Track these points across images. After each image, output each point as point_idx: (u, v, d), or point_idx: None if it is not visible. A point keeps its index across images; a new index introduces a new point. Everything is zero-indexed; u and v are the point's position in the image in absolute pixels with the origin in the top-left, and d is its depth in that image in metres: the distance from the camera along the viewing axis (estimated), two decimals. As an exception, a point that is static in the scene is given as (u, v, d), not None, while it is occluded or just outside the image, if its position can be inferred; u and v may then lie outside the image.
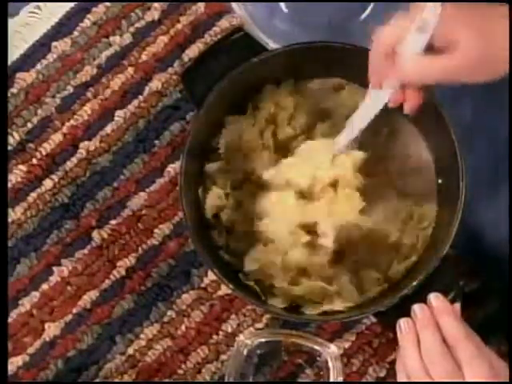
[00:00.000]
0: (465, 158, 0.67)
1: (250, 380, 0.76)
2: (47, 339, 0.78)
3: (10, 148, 0.80)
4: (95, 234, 0.79)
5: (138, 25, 0.83)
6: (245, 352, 0.74)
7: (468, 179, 0.67)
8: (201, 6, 0.82)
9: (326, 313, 0.70)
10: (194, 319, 0.78)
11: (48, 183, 0.80)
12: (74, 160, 0.81)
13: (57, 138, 0.81)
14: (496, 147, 0.76)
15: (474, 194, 0.68)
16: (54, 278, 0.79)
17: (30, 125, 0.81)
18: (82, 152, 0.81)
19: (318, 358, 0.75)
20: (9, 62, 0.81)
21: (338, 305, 0.70)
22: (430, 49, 0.59)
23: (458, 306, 0.67)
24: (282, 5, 0.80)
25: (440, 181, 0.73)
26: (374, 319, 0.77)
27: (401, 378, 0.65)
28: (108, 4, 0.83)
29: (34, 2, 0.83)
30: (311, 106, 0.74)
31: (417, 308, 0.65)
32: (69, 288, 0.79)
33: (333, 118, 0.74)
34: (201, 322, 0.78)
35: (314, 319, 0.72)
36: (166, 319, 0.78)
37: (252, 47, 0.73)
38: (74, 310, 0.78)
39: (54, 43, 0.82)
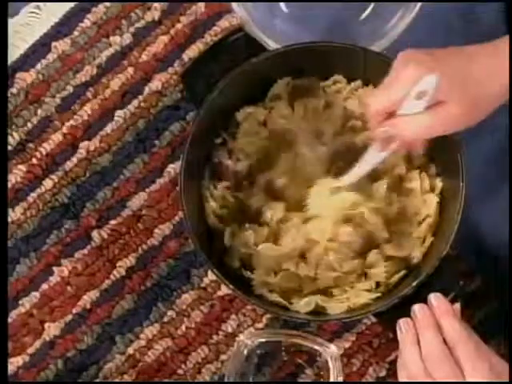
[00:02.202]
0: (465, 158, 0.67)
1: (250, 380, 0.76)
2: (47, 339, 0.78)
3: (10, 148, 0.80)
4: (95, 234, 0.79)
5: (138, 25, 0.82)
6: (245, 352, 0.74)
7: (468, 179, 0.67)
8: (201, 5, 0.82)
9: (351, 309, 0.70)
10: (194, 319, 0.78)
11: (48, 183, 0.80)
12: (74, 160, 0.81)
13: (57, 138, 0.81)
14: (496, 147, 0.76)
15: (474, 194, 0.68)
16: (53, 278, 0.79)
17: (29, 125, 0.81)
18: (81, 152, 0.81)
19: (317, 358, 0.75)
20: (9, 62, 0.81)
21: (365, 297, 0.70)
22: None
23: (458, 306, 0.67)
24: (282, 5, 0.80)
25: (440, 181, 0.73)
26: (374, 319, 0.77)
27: (401, 377, 0.65)
28: (108, 4, 0.83)
29: (34, 1, 0.83)
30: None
31: (417, 308, 0.65)
32: (69, 288, 0.79)
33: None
34: (201, 322, 0.78)
35: (314, 319, 0.72)
36: (165, 319, 0.78)
37: (252, 47, 0.73)
38: (74, 310, 0.78)
39: (54, 43, 0.82)
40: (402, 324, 0.65)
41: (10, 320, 0.78)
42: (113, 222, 0.79)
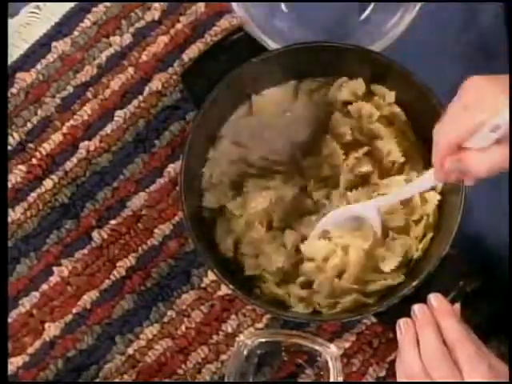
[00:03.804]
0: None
1: (250, 380, 0.76)
2: (47, 339, 0.78)
3: (9, 148, 0.80)
4: (95, 234, 0.79)
5: (137, 25, 0.82)
6: (245, 352, 0.74)
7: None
8: (201, 5, 0.82)
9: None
10: (194, 319, 0.78)
11: (48, 183, 0.80)
12: (74, 160, 0.81)
13: (57, 138, 0.81)
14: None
15: (474, 194, 0.68)
16: (53, 278, 0.79)
17: (29, 125, 0.81)
18: (81, 152, 0.81)
19: (318, 358, 0.75)
20: (9, 62, 0.81)
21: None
22: None
23: (457, 306, 0.67)
24: (282, 5, 0.80)
25: (440, 181, 0.73)
26: (374, 319, 0.77)
27: (400, 378, 0.65)
28: (108, 4, 0.82)
29: (34, 1, 0.83)
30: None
31: (417, 308, 0.65)
32: (69, 288, 0.79)
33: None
34: (201, 321, 0.78)
35: (314, 319, 0.72)
36: (165, 319, 0.78)
37: (252, 47, 0.73)
38: (74, 310, 0.78)
39: (54, 43, 0.82)
40: (402, 324, 0.65)
41: (10, 320, 0.78)
42: (113, 221, 0.79)
